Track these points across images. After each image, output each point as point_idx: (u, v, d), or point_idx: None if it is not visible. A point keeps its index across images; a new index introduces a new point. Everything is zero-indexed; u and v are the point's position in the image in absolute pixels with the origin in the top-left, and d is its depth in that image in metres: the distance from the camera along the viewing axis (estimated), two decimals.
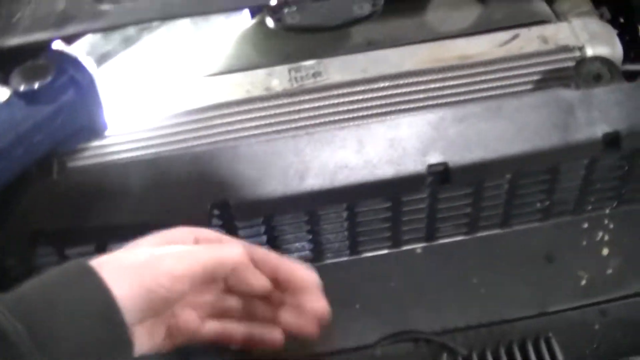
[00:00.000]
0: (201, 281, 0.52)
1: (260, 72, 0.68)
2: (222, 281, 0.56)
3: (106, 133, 0.65)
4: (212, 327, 0.58)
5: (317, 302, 0.58)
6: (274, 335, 0.59)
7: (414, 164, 0.59)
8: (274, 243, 0.63)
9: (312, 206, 0.60)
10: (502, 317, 0.63)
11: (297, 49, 0.71)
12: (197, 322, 0.57)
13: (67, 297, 0.46)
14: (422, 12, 0.75)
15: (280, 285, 0.57)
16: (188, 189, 0.59)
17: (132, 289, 0.48)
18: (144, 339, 0.51)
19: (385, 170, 0.59)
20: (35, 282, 0.47)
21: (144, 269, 0.49)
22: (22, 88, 0.58)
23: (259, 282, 0.56)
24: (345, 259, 0.66)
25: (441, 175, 0.60)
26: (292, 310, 0.58)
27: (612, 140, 0.61)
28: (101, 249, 0.62)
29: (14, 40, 0.64)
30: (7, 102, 0.58)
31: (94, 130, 0.64)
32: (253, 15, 0.75)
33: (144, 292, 0.48)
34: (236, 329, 0.59)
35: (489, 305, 0.63)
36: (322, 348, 0.61)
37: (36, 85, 0.58)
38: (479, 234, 0.67)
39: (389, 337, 0.62)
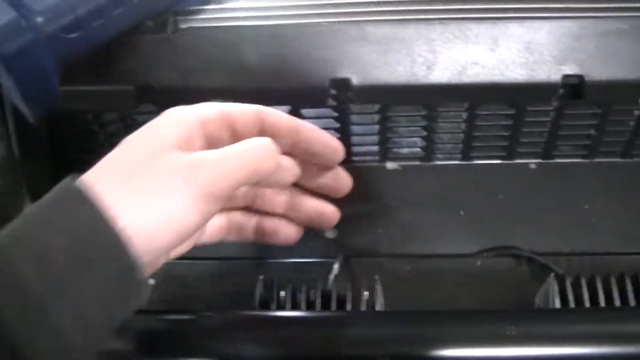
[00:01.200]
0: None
1: None
2: None
3: None
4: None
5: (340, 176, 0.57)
6: (289, 230, 0.57)
7: (548, 72, 0.55)
8: (385, 134, 0.61)
9: (434, 100, 0.57)
10: (608, 249, 0.60)
11: None
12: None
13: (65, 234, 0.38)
14: None
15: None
16: (307, 62, 0.56)
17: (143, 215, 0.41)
18: None
19: (518, 74, 0.55)
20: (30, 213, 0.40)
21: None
22: None
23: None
24: (455, 162, 0.63)
25: (574, 89, 0.56)
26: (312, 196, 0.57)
27: None
28: None
29: None
30: None
31: None
32: None
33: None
34: (247, 221, 0.57)
35: (597, 234, 0.61)
36: (418, 250, 0.60)
37: None
38: (598, 160, 0.63)
39: (490, 250, 0.60)
